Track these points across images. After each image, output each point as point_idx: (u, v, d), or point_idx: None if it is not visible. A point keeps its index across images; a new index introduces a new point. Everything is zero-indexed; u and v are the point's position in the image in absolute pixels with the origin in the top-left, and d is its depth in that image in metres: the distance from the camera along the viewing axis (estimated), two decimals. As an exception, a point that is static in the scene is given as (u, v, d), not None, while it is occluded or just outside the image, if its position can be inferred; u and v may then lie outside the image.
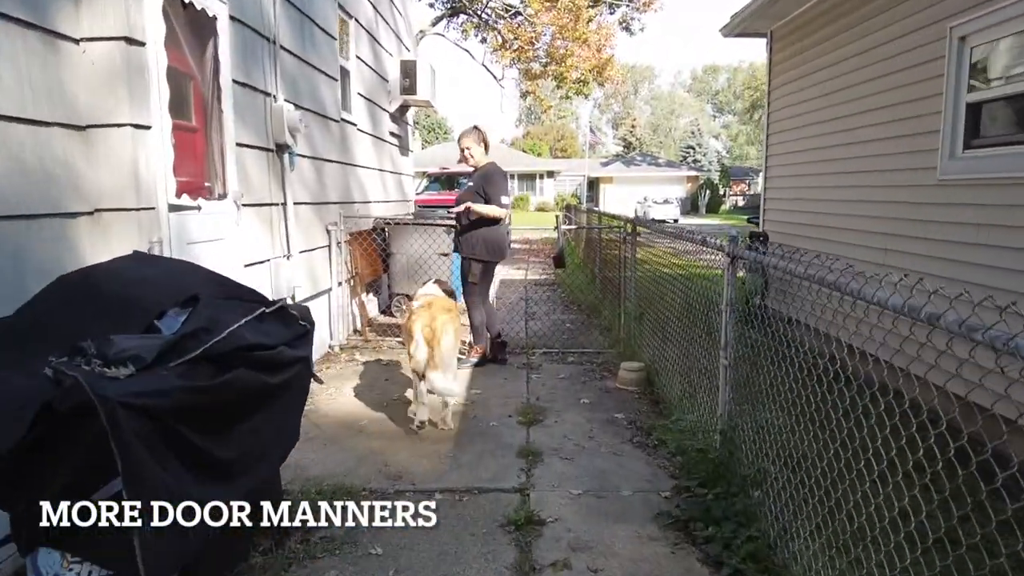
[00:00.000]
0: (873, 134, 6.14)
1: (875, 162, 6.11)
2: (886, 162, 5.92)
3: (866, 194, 6.29)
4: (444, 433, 4.70)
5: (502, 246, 6.29)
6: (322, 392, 5.65)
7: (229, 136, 4.74)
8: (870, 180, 6.21)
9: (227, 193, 4.73)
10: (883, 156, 5.97)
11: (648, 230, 6.49)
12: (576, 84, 23.82)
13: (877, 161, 6.07)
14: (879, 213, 6.05)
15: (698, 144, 69.57)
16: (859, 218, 6.38)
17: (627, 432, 4.74)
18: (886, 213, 5.92)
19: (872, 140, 6.18)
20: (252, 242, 5.13)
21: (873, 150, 6.15)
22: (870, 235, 6.16)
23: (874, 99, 6.07)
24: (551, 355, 6.97)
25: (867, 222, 6.23)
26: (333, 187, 7.16)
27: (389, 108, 9.94)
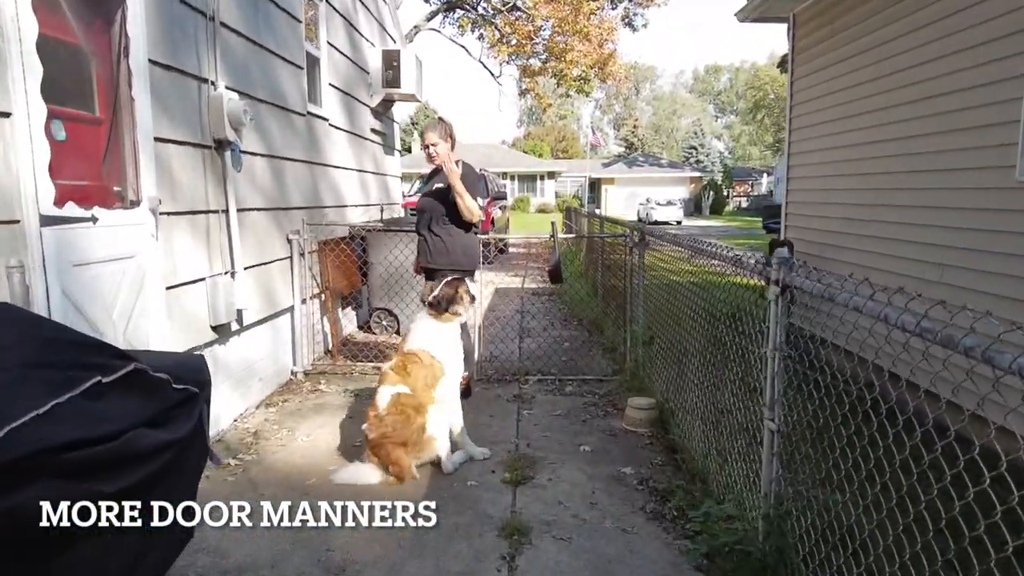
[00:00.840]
0: (927, 127, 5.20)
1: (929, 160, 5.17)
2: (944, 160, 4.99)
3: (915, 198, 5.35)
4: (408, 494, 3.77)
5: (477, 253, 5.45)
6: (271, 436, 4.74)
7: (144, 129, 3.82)
8: (921, 182, 5.28)
9: (140, 199, 3.81)
10: (941, 153, 5.04)
11: (658, 239, 5.53)
12: (577, 81, 22.91)
13: (932, 159, 5.14)
14: (933, 221, 5.11)
15: (701, 145, 68.64)
16: (906, 227, 5.44)
17: (638, 496, 3.80)
18: (943, 221, 4.99)
19: (925, 134, 5.24)
20: (179, 258, 4.21)
21: (926, 146, 5.21)
22: (921, 247, 5.22)
23: (930, 85, 5.14)
24: (547, 383, 6.04)
25: (917, 231, 5.29)
26: (296, 190, 6.24)
27: (370, 103, 9.02)
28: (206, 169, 4.57)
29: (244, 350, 5.20)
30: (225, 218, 4.79)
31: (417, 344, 4.17)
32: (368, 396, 5.60)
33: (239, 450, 4.47)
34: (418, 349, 4.13)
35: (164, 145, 4.06)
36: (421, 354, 4.11)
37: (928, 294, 4.99)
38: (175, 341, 4.13)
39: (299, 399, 5.59)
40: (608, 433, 4.81)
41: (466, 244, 5.22)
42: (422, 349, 4.13)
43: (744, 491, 3.19)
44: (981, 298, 4.51)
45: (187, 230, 4.32)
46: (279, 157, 5.84)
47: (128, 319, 3.68)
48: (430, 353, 4.11)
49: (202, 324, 4.51)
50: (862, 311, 2.05)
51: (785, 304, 2.74)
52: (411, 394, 3.98)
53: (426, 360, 4.09)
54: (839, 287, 2.24)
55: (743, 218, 44.59)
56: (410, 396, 3.97)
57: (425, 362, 4.09)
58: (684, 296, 4.55)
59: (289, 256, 5.99)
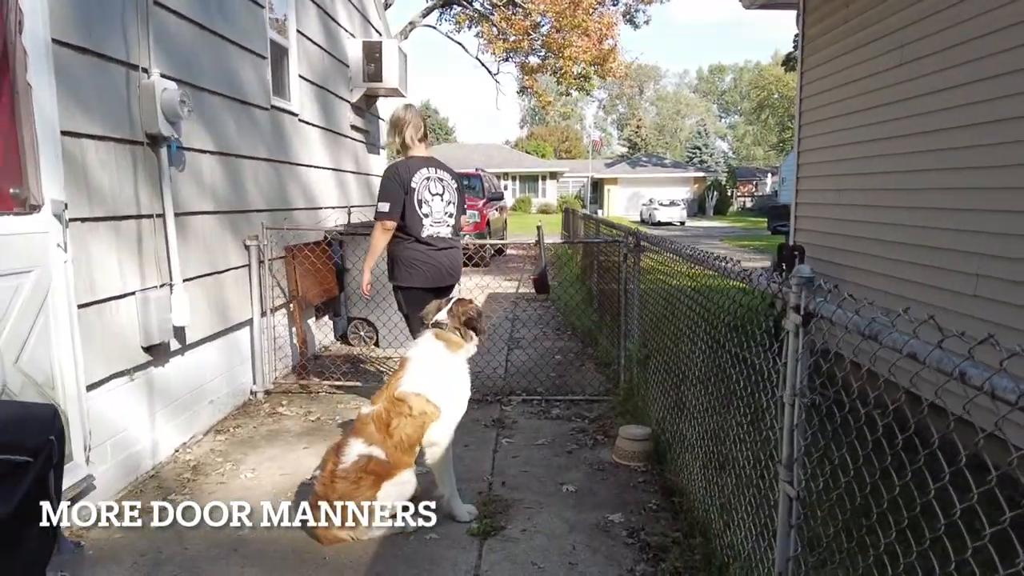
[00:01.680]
0: (960, 118, 4.59)
1: (963, 156, 4.58)
2: (981, 156, 4.39)
3: (947, 199, 4.75)
4: (352, 554, 3.19)
5: (418, 264, 4.51)
6: (212, 471, 4.16)
7: (45, 121, 3.25)
8: (953, 181, 4.68)
9: (41, 203, 3.23)
10: (976, 148, 4.44)
11: (654, 245, 4.91)
12: (577, 79, 22.33)
13: (967, 155, 4.54)
14: (968, 225, 4.51)
15: (704, 145, 67.98)
16: (934, 231, 4.84)
17: (627, 553, 3.21)
18: (980, 225, 4.39)
19: (958, 127, 4.64)
20: (98, 271, 3.63)
21: (959, 140, 4.61)
22: (953, 255, 4.62)
23: (966, 70, 4.52)
24: (532, 404, 5.46)
25: (948, 237, 4.69)
26: (256, 191, 5.66)
27: (350, 98, 8.45)
28: (136, 168, 3.99)
29: (188, 371, 4.63)
30: (161, 223, 4.21)
31: (414, 384, 3.35)
32: (332, 421, 5.05)
33: (172, 489, 3.90)
34: (412, 392, 3.33)
35: (77, 140, 3.49)
36: (414, 401, 3.31)
37: (961, 308, 4.39)
38: (93, 368, 3.56)
39: (254, 424, 5.01)
40: (596, 468, 4.21)
41: (395, 255, 4.62)
42: (418, 393, 3.33)
43: (754, 561, 2.60)
44: (1021, 315, 3.92)
45: (109, 238, 3.74)
46: (234, 155, 5.26)
47: (22, 345, 3.11)
48: (427, 397, 3.33)
49: (131, 346, 3.93)
50: (926, 363, 1.46)
51: (808, 336, 2.14)
52: (383, 461, 3.24)
53: (418, 409, 3.31)
54: (886, 324, 1.65)
55: (748, 219, 43.90)
56: (380, 464, 3.25)
57: (415, 412, 3.30)
58: (683, 311, 3.96)
59: (247, 264, 5.42)
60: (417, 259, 4.49)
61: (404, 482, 3.28)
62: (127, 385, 3.94)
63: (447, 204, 4.59)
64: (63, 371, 3.35)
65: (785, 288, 2.21)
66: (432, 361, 3.45)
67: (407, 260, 4.50)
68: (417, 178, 4.46)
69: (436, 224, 4.53)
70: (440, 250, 4.54)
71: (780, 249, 7.39)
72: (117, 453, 3.81)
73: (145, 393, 4.12)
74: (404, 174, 4.45)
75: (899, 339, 1.59)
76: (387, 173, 4.52)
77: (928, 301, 4.78)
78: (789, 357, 2.20)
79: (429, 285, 4.52)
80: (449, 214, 4.60)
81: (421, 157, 4.58)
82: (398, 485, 3.26)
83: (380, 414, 3.31)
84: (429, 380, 3.38)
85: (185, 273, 4.40)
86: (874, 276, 5.60)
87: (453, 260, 4.66)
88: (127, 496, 3.78)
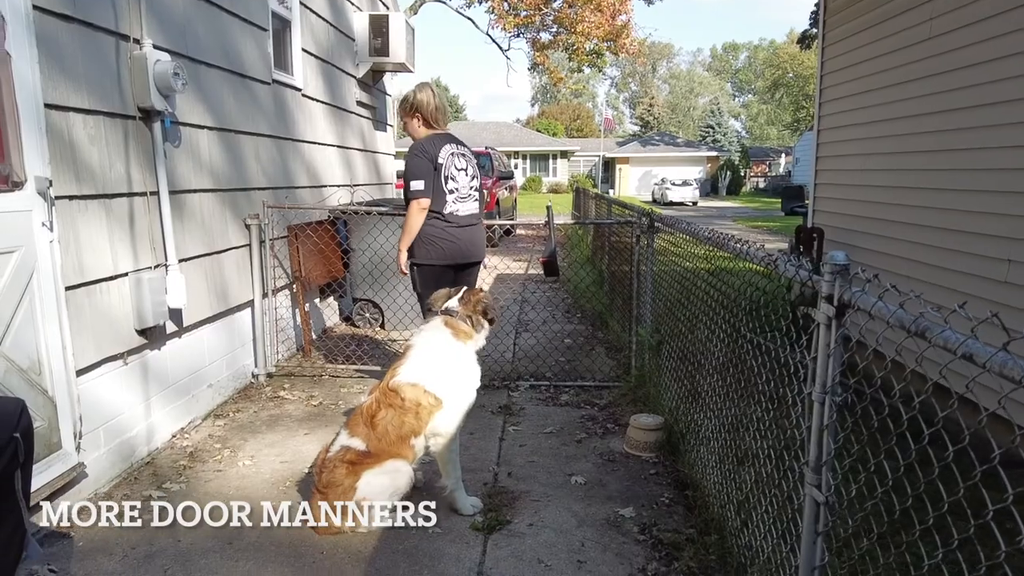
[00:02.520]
0: (1000, 94, 4.33)
1: (1001, 135, 4.33)
2: (1021, 134, 4.15)
3: (978, 180, 4.51)
4: (351, 548, 3.05)
5: (436, 240, 4.34)
6: (210, 458, 4.03)
7: (28, 93, 3.08)
8: (988, 161, 4.44)
9: (24, 180, 3.07)
10: (1018, 127, 4.19)
11: (669, 227, 4.69)
12: (590, 56, 21.95)
13: (1005, 134, 4.29)
14: (1001, 208, 4.28)
15: (718, 124, 67.05)
16: (963, 214, 4.60)
17: (639, 551, 3.06)
18: (1015, 209, 4.16)
19: (993, 103, 4.39)
20: (87, 251, 3.47)
21: (996, 117, 4.36)
22: (984, 239, 4.40)
23: (1005, 42, 4.27)
24: (540, 390, 5.30)
25: (979, 220, 4.47)
26: (257, 168, 5.49)
27: (356, 73, 8.23)
28: (128, 144, 3.82)
29: (186, 355, 4.49)
30: (156, 202, 4.05)
31: (412, 374, 3.19)
32: (335, 406, 4.92)
33: (168, 477, 3.77)
34: (408, 383, 3.17)
35: (63, 114, 3.32)
36: (409, 392, 3.15)
37: (990, 295, 4.18)
38: (83, 352, 3.41)
39: (255, 408, 4.87)
40: (606, 458, 4.06)
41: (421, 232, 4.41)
42: (414, 383, 3.17)
43: (774, 565, 2.43)
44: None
45: (99, 217, 3.58)
46: (234, 131, 5.08)
47: (5, 329, 2.96)
48: (424, 387, 3.17)
49: (123, 328, 3.79)
50: (987, 367, 1.28)
51: (840, 329, 1.96)
52: (362, 452, 3.11)
53: (411, 400, 3.14)
54: (937, 320, 1.47)
55: (761, 199, 43.39)
56: (359, 455, 3.10)
57: (408, 403, 3.14)
58: (700, 296, 3.77)
59: (247, 243, 5.26)
60: (435, 235, 4.32)
61: (388, 472, 3.12)
62: (120, 369, 3.80)
63: (471, 179, 4.46)
64: (50, 356, 3.20)
65: (817, 278, 2.02)
66: (437, 349, 3.29)
67: (425, 236, 4.33)
68: (443, 154, 4.30)
69: (462, 200, 4.39)
70: (460, 227, 4.39)
71: (798, 231, 7.16)
72: (110, 440, 3.67)
73: (140, 377, 3.98)
74: (431, 150, 4.28)
75: (953, 338, 1.41)
76: (414, 150, 4.32)
77: (954, 287, 4.57)
78: (820, 351, 2.02)
79: (447, 262, 4.37)
80: (475, 188, 4.48)
81: (444, 134, 4.42)
82: (382, 475, 3.10)
83: (370, 405, 3.19)
84: (431, 369, 3.22)
85: (181, 253, 4.24)
86: (897, 260, 5.38)
87: (474, 237, 4.49)
88: (120, 485, 3.65)
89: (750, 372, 2.80)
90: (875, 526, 1.82)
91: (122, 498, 3.49)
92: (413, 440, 3.18)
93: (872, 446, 1.86)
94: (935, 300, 1.47)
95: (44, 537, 3.07)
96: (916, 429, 1.66)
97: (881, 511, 1.78)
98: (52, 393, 3.21)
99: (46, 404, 3.17)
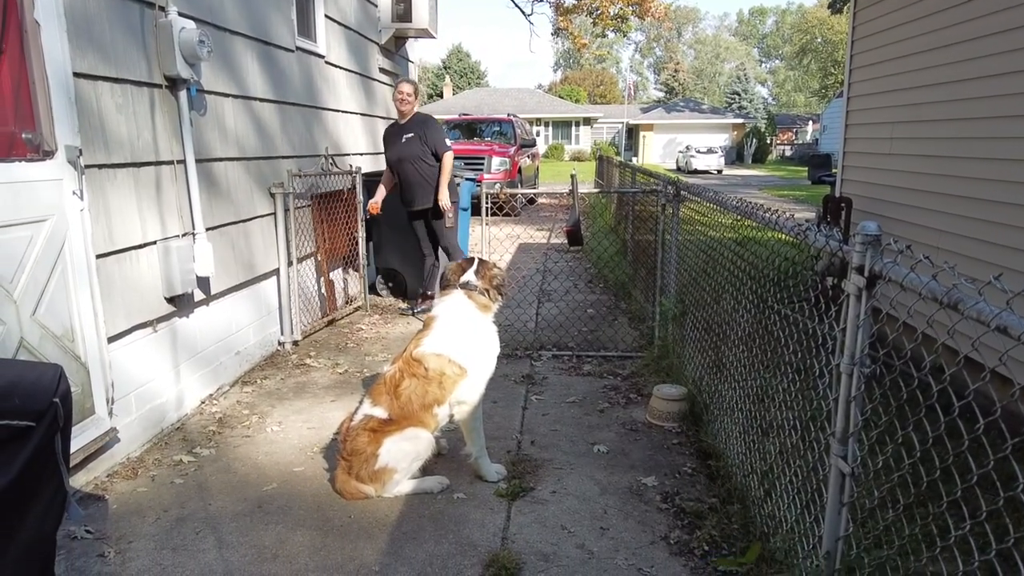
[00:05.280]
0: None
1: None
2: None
3: (1020, 150, 4.38)
4: (378, 512, 3.11)
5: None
6: (238, 424, 4.11)
7: (56, 63, 3.10)
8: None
9: (55, 149, 3.11)
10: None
11: (696, 196, 4.62)
12: (615, 20, 21.57)
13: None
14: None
15: (744, 90, 65.82)
16: (1010, 185, 4.47)
17: (661, 519, 3.08)
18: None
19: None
20: (116, 220, 3.52)
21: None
22: (1020, 211, 4.29)
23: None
24: (562, 360, 5.31)
25: (1020, 191, 4.35)
26: (283, 137, 5.50)
27: (378, 39, 8.17)
28: (155, 113, 3.85)
29: (214, 322, 4.56)
30: (183, 170, 4.08)
31: (437, 344, 3.24)
32: (360, 373, 4.97)
33: (197, 442, 3.85)
34: (432, 353, 3.21)
35: (92, 83, 3.34)
36: (433, 362, 3.19)
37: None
38: (114, 319, 3.48)
39: (281, 375, 4.95)
40: (629, 428, 4.07)
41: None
42: (439, 353, 3.21)
43: (798, 534, 2.44)
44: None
45: (128, 186, 3.62)
46: (258, 99, 5.09)
47: (39, 297, 3.02)
48: (449, 357, 3.21)
49: (153, 296, 3.85)
50: (1022, 340, 1.26)
51: (869, 300, 1.94)
52: (385, 420, 3.16)
53: (435, 370, 3.18)
54: (971, 292, 1.45)
55: (787, 167, 42.70)
56: (382, 423, 3.15)
57: (431, 373, 3.18)
58: (726, 266, 3.74)
59: (272, 212, 5.29)
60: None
61: (409, 438, 3.16)
62: (150, 337, 3.86)
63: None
64: (83, 323, 3.27)
65: (847, 248, 1.99)
66: (461, 321, 3.34)
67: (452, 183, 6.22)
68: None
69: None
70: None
71: (826, 201, 7.05)
72: (141, 406, 3.75)
73: (169, 345, 4.05)
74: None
75: (987, 311, 1.39)
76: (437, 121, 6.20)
77: (989, 260, 4.48)
78: (849, 322, 2.00)
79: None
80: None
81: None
82: (403, 441, 3.15)
83: (393, 375, 3.23)
84: (455, 340, 3.26)
85: (208, 222, 4.28)
86: (929, 232, 5.28)
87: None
88: (152, 449, 3.74)
89: (776, 343, 2.79)
90: (901, 497, 1.81)
91: (153, 463, 3.58)
92: (436, 409, 3.21)
93: (900, 418, 1.84)
94: (968, 273, 1.44)
95: (80, 499, 3.16)
96: (945, 402, 1.65)
97: (908, 482, 1.77)
98: (85, 359, 3.28)
99: (79, 370, 3.24)
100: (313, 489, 3.33)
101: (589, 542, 2.90)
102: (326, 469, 3.52)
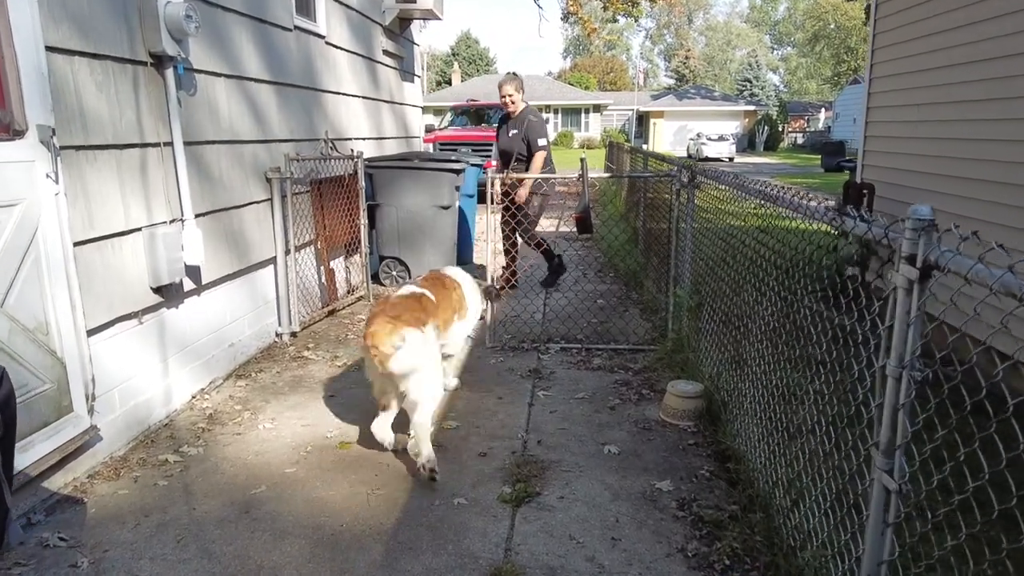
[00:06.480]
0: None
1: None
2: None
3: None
4: (373, 520, 2.89)
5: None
6: (229, 421, 3.90)
7: (25, 35, 2.87)
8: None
9: (25, 128, 2.89)
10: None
11: (713, 180, 4.37)
12: (625, 5, 21.19)
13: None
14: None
15: (755, 77, 65.07)
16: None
17: (677, 528, 2.85)
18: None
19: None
20: (96, 205, 3.30)
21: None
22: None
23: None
24: (571, 353, 5.08)
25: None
26: (279, 120, 5.27)
27: (382, 20, 7.91)
28: (139, 91, 3.61)
29: (205, 313, 4.34)
30: (170, 153, 3.85)
31: (456, 272, 4.19)
32: (359, 366, 4.75)
33: (185, 440, 3.64)
34: (451, 275, 4.09)
35: (67, 58, 3.11)
36: (454, 275, 4.11)
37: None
38: (94, 311, 3.26)
39: (277, 369, 4.74)
40: (642, 426, 3.84)
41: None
42: (456, 279, 4.08)
43: (831, 552, 2.21)
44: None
45: (110, 168, 3.40)
46: (253, 79, 4.85)
47: (8, 287, 2.80)
48: (463, 285, 4.10)
49: (138, 286, 3.63)
50: None
51: (922, 295, 1.69)
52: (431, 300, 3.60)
53: (453, 282, 4.02)
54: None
55: (799, 155, 42.17)
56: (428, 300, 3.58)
57: (451, 283, 3.98)
58: (747, 255, 3.49)
59: (268, 198, 5.06)
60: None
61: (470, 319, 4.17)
62: (135, 329, 3.65)
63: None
64: (58, 315, 3.06)
65: (897, 236, 1.74)
66: (468, 278, 4.24)
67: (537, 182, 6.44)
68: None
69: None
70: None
71: (847, 187, 6.76)
72: (125, 402, 3.55)
73: (156, 337, 3.84)
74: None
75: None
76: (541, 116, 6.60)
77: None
78: (897, 320, 1.76)
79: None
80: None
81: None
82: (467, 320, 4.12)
83: (430, 277, 3.94)
84: (466, 280, 4.18)
85: (198, 208, 4.07)
86: (962, 221, 5.00)
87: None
88: (136, 448, 3.54)
89: (806, 339, 2.54)
90: (963, 525, 1.57)
91: (137, 462, 3.37)
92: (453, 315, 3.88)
93: (962, 433, 1.60)
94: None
95: (55, 503, 2.96)
96: (1020, 415, 1.41)
97: (972, 506, 1.54)
98: (61, 354, 3.07)
99: (55, 365, 3.03)
100: (304, 493, 3.12)
101: (600, 554, 2.68)
102: (319, 471, 3.31)
